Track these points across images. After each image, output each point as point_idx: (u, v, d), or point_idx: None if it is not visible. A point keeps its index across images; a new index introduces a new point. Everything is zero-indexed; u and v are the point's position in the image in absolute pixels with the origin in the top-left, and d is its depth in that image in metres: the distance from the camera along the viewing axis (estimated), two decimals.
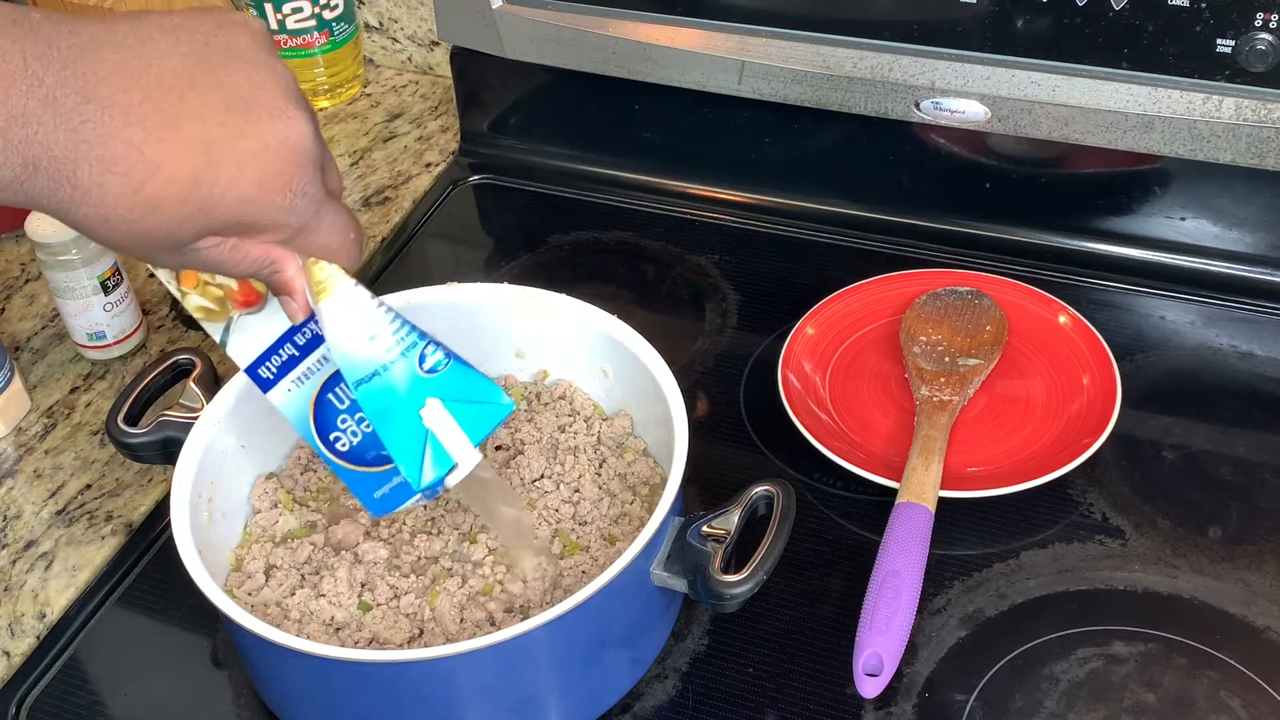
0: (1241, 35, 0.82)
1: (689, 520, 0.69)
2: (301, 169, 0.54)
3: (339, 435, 0.66)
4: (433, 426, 0.62)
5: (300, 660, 0.64)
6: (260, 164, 0.52)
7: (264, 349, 0.66)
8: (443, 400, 0.62)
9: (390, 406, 0.62)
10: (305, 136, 0.54)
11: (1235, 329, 0.92)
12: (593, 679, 0.69)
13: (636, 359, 0.77)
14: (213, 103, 0.51)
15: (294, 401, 0.66)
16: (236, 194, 0.52)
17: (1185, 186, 0.94)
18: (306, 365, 0.66)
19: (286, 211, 0.54)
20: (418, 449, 0.62)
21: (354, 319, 0.61)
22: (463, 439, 0.63)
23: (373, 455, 0.66)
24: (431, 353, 0.62)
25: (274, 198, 0.53)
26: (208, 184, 0.51)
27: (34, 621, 0.79)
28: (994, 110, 0.91)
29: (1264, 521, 0.79)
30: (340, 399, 0.66)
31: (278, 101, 0.53)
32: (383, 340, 0.61)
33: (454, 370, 0.63)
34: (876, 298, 0.93)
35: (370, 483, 0.66)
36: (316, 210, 0.55)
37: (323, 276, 0.59)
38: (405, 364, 0.62)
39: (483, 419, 0.64)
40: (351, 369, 0.61)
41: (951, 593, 0.76)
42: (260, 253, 0.56)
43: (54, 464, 0.88)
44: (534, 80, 1.09)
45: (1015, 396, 0.86)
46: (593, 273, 1.02)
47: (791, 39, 0.94)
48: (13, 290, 1.03)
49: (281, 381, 0.66)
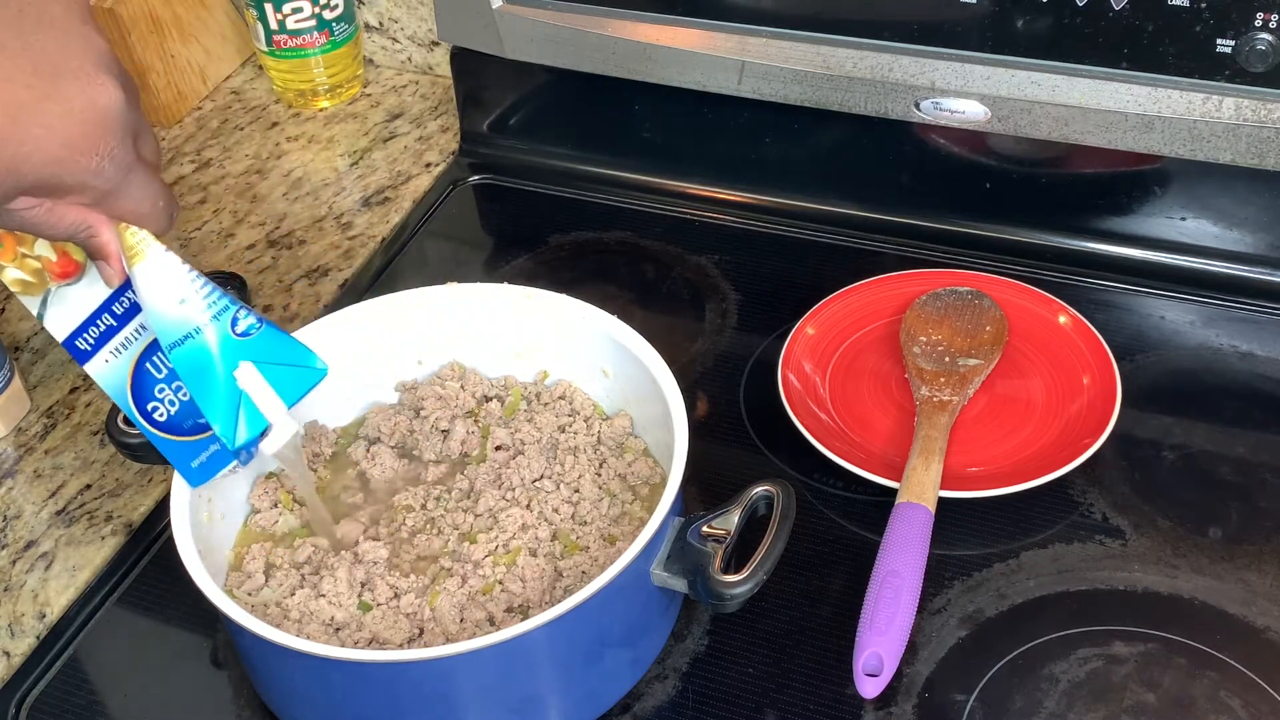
0: (1241, 35, 0.82)
1: (689, 520, 0.69)
2: (109, 133, 0.56)
3: (157, 405, 0.67)
4: (246, 388, 0.64)
5: (300, 660, 0.64)
6: (67, 126, 0.54)
7: (82, 320, 0.66)
8: (255, 363, 0.64)
9: (204, 368, 0.63)
10: (114, 103, 0.55)
11: (1235, 329, 0.92)
12: (593, 679, 0.69)
13: (636, 359, 0.77)
14: (21, 66, 0.53)
15: (111, 371, 0.67)
16: (42, 155, 0.54)
17: (1185, 186, 0.94)
18: (124, 335, 0.67)
19: (93, 174, 0.56)
20: (231, 410, 0.64)
21: (166, 282, 0.62)
22: (277, 401, 0.65)
23: (190, 424, 0.67)
24: (244, 317, 0.64)
25: (80, 159, 0.55)
26: (14, 144, 0.53)
27: (34, 621, 0.79)
28: (994, 110, 0.91)
29: (1264, 521, 0.79)
30: (158, 368, 0.67)
31: (86, 68, 0.55)
32: (194, 303, 0.63)
33: (266, 334, 0.64)
34: (876, 298, 0.93)
35: (187, 452, 0.68)
36: (125, 174, 0.57)
37: (134, 241, 0.61)
38: (217, 327, 0.63)
39: (297, 382, 0.65)
40: (165, 332, 0.63)
41: (951, 593, 0.76)
42: (75, 216, 0.58)
43: (54, 464, 0.88)
44: (534, 80, 1.09)
45: (1015, 396, 0.86)
46: (593, 273, 1.02)
47: (791, 39, 0.94)
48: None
49: (100, 352, 0.67)
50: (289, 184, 1.12)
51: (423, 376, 0.84)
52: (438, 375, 0.83)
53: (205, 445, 0.68)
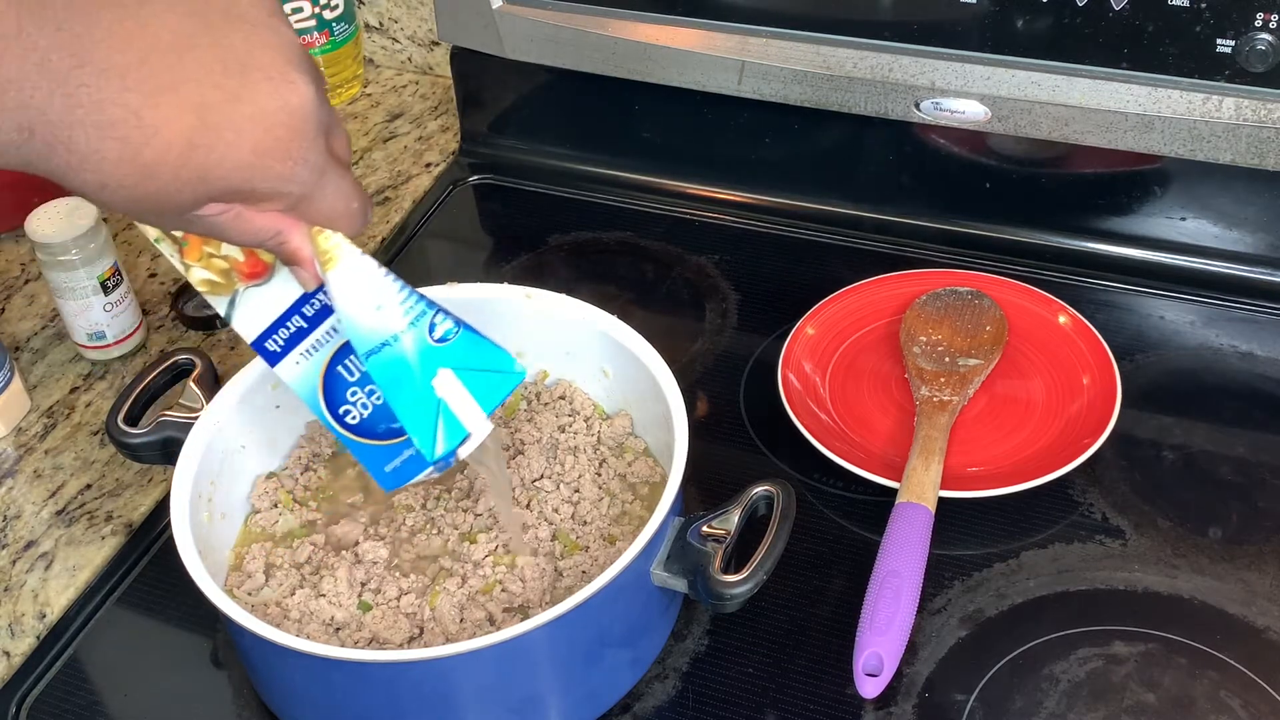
0: (1241, 35, 0.82)
1: (689, 520, 0.69)
2: (301, 136, 0.52)
3: (349, 408, 0.65)
4: (445, 396, 0.61)
5: (300, 660, 0.64)
6: (258, 130, 0.51)
7: (271, 321, 0.64)
8: (454, 370, 0.61)
9: (401, 377, 0.61)
10: (306, 102, 0.52)
11: (1235, 329, 0.92)
12: (593, 679, 0.69)
13: (636, 359, 0.77)
14: (210, 66, 0.50)
15: (303, 375, 0.65)
16: (234, 160, 0.51)
17: (1185, 186, 0.94)
18: (315, 337, 0.65)
19: (286, 180, 0.53)
20: (431, 420, 0.61)
21: (362, 288, 0.60)
22: (475, 408, 0.62)
23: (383, 428, 0.65)
24: (441, 321, 0.61)
25: (273, 165, 0.52)
26: (204, 150, 0.50)
27: (34, 621, 0.79)
28: (994, 110, 0.91)
29: (1264, 521, 0.79)
30: (350, 371, 0.65)
31: (278, 64, 0.51)
32: (391, 310, 0.60)
33: (464, 339, 0.62)
34: (876, 298, 0.93)
35: (381, 456, 0.65)
36: (319, 178, 0.54)
37: (328, 246, 0.58)
38: (415, 333, 0.61)
39: (495, 388, 0.63)
40: (361, 339, 0.60)
41: (951, 593, 0.76)
42: (265, 222, 0.55)
43: (54, 464, 0.88)
44: (534, 80, 1.09)
45: (1015, 396, 0.86)
46: (593, 273, 1.02)
47: (791, 39, 0.94)
48: (13, 290, 1.03)
49: (290, 354, 0.65)
50: None
51: None
52: None
53: (399, 450, 0.65)
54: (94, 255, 0.90)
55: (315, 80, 0.53)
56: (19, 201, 0.99)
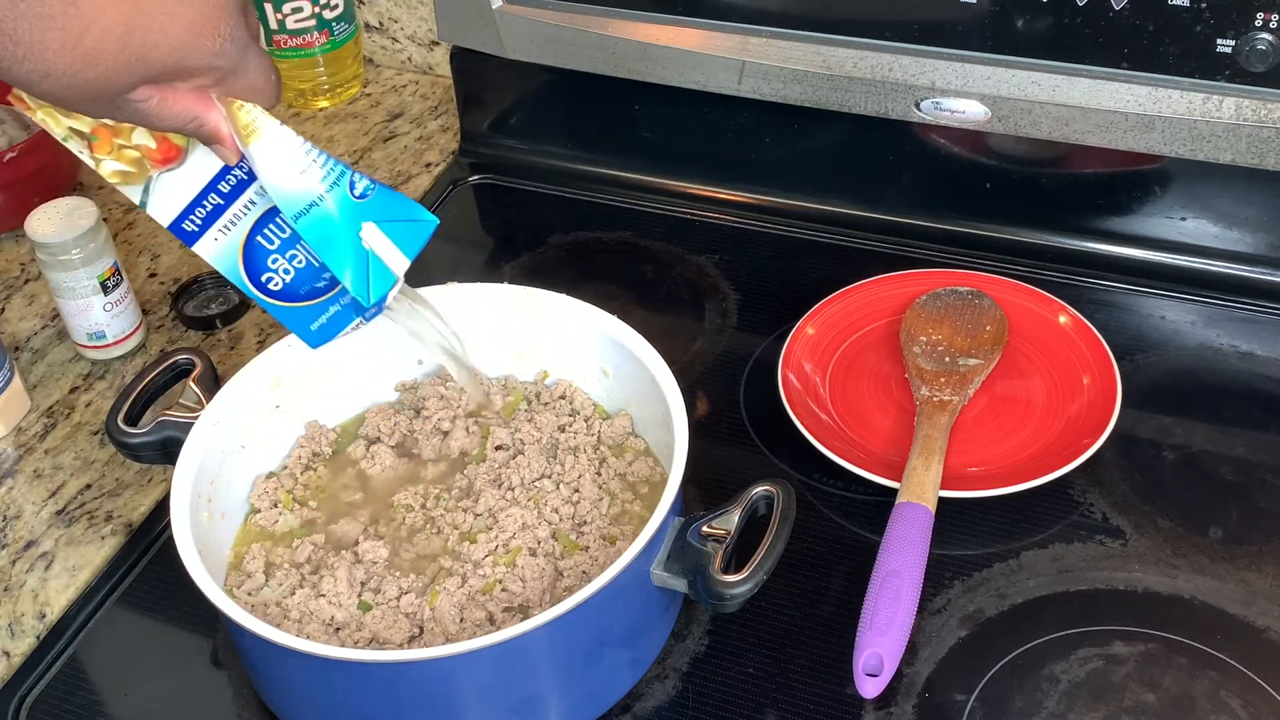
0: (1241, 35, 0.82)
1: (689, 520, 0.69)
2: (227, 14, 0.56)
3: (271, 275, 0.68)
4: (372, 246, 0.65)
5: (300, 660, 0.64)
6: (189, 10, 0.55)
7: (187, 203, 0.66)
8: (376, 222, 0.65)
9: (330, 234, 0.64)
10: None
11: (1235, 329, 0.92)
12: (593, 679, 0.69)
13: (636, 359, 0.77)
14: None
15: (222, 249, 0.67)
16: (169, 41, 0.55)
17: (1185, 186, 0.94)
18: (233, 212, 0.67)
19: (217, 54, 0.57)
20: (362, 269, 0.65)
21: (284, 156, 0.62)
22: (399, 255, 0.66)
23: (306, 289, 0.68)
24: (359, 180, 0.64)
25: (204, 42, 0.56)
26: (140, 32, 0.53)
27: (34, 621, 0.79)
28: (994, 110, 0.91)
29: (1264, 521, 0.79)
30: (270, 240, 0.67)
31: None
32: (313, 173, 0.63)
33: (381, 193, 0.65)
34: (876, 298, 0.93)
35: (305, 316, 0.68)
36: (243, 53, 0.58)
37: (249, 119, 0.61)
38: (338, 193, 0.64)
39: (415, 235, 0.66)
40: (289, 203, 0.63)
41: (951, 593, 0.76)
42: (185, 104, 0.58)
43: (54, 464, 0.88)
44: (534, 80, 1.09)
45: (1015, 396, 0.86)
46: (593, 273, 1.02)
47: (791, 39, 0.94)
48: (13, 290, 1.03)
49: (208, 232, 0.67)
50: None
51: (423, 376, 0.84)
52: (438, 375, 0.84)
53: (325, 308, 0.69)
54: (94, 255, 0.90)
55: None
56: (19, 201, 0.99)
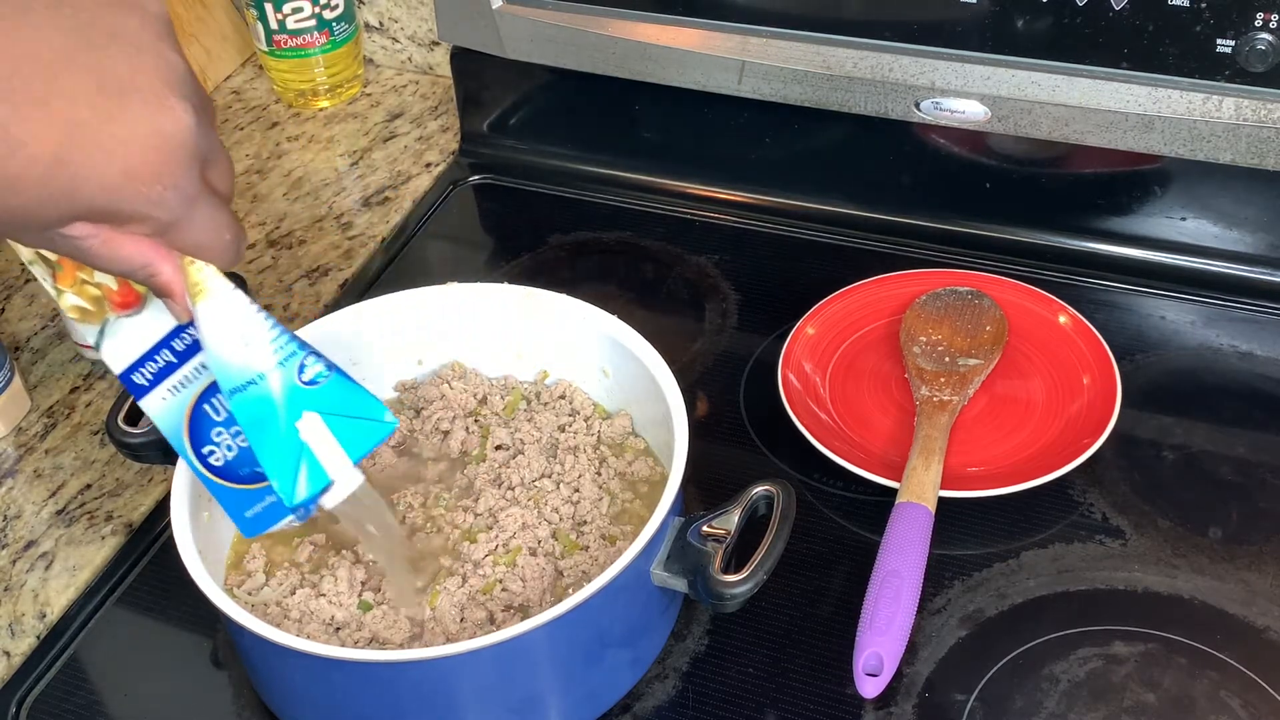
0: (1241, 35, 0.82)
1: (689, 520, 0.69)
2: (174, 162, 0.52)
3: (213, 449, 0.63)
4: (310, 441, 0.59)
5: (300, 660, 0.64)
6: (128, 152, 0.50)
7: (140, 354, 0.63)
8: (321, 414, 0.60)
9: (265, 418, 0.59)
10: (181, 129, 0.52)
11: (1235, 329, 0.92)
12: (593, 679, 0.69)
13: (636, 359, 0.77)
14: (86, 84, 0.50)
15: (168, 410, 0.63)
16: (99, 180, 0.50)
17: (1185, 186, 0.94)
18: (183, 373, 0.63)
19: (154, 204, 0.52)
20: (292, 464, 0.59)
21: (230, 323, 0.58)
22: (341, 456, 0.60)
23: (247, 472, 0.63)
24: (312, 364, 0.60)
25: (141, 188, 0.51)
26: (72, 166, 0.50)
27: (34, 621, 0.79)
28: (994, 110, 0.91)
29: (1264, 521, 0.79)
30: (216, 410, 0.63)
31: (156, 89, 0.51)
32: (259, 347, 0.59)
33: (335, 383, 0.60)
34: (876, 298, 0.93)
35: (243, 500, 0.64)
36: (189, 206, 0.53)
37: (199, 278, 0.57)
38: (283, 373, 0.59)
39: (363, 436, 0.61)
40: (226, 376, 0.59)
41: (951, 593, 0.76)
42: (134, 250, 0.54)
43: (54, 464, 0.88)
44: (534, 80, 1.09)
45: (1015, 396, 0.86)
46: (593, 273, 1.02)
47: (791, 39, 0.94)
48: (13, 290, 1.03)
49: (156, 389, 0.63)
50: (289, 184, 1.12)
51: (423, 376, 0.84)
52: (438, 375, 0.84)
53: (262, 495, 0.63)
54: None
55: (197, 109, 0.53)
56: None
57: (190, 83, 0.53)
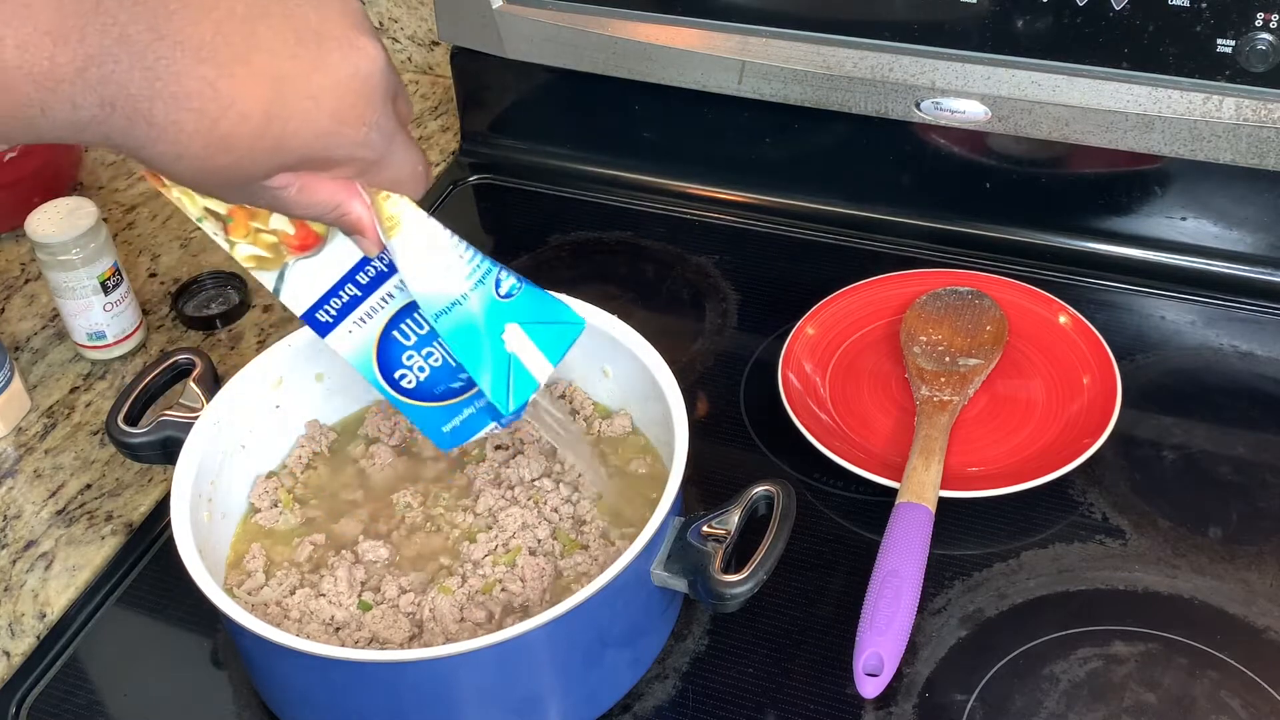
0: (1241, 35, 0.82)
1: (689, 520, 0.69)
2: (374, 101, 0.52)
3: (405, 372, 0.64)
4: (515, 350, 0.62)
5: (300, 660, 0.64)
6: (334, 97, 0.51)
7: (322, 293, 0.63)
8: (521, 324, 0.62)
9: (471, 335, 0.61)
10: (378, 68, 0.52)
11: (1235, 329, 0.92)
12: (593, 679, 0.69)
13: (636, 359, 0.77)
14: (284, 35, 0.50)
15: (356, 343, 0.64)
16: (311, 129, 0.51)
17: (1185, 186, 0.94)
18: (369, 304, 0.64)
19: (361, 145, 0.53)
20: (503, 375, 0.61)
21: (428, 252, 0.59)
22: (543, 360, 0.62)
23: (441, 389, 0.65)
24: (505, 278, 0.61)
25: (349, 131, 0.52)
26: (281, 119, 0.50)
27: (34, 621, 0.79)
28: (994, 110, 0.91)
29: (1264, 521, 0.79)
30: (406, 335, 0.64)
31: (348, 33, 0.52)
32: (458, 270, 0.60)
33: (528, 293, 0.62)
34: (876, 298, 0.93)
35: (438, 417, 0.65)
36: (389, 143, 0.54)
37: (393, 211, 0.57)
38: (482, 291, 0.60)
39: (559, 339, 0.63)
40: (430, 301, 0.60)
41: (952, 593, 0.76)
42: (327, 193, 0.55)
43: (54, 464, 0.88)
44: (534, 80, 1.09)
45: (1015, 396, 0.86)
46: (593, 273, 1.02)
47: (791, 39, 0.94)
48: (13, 290, 1.03)
49: (342, 324, 0.64)
50: None
51: None
52: None
53: (459, 409, 0.65)
54: (94, 255, 0.90)
55: (382, 46, 0.53)
56: (19, 201, 0.99)
57: (368, 19, 0.53)
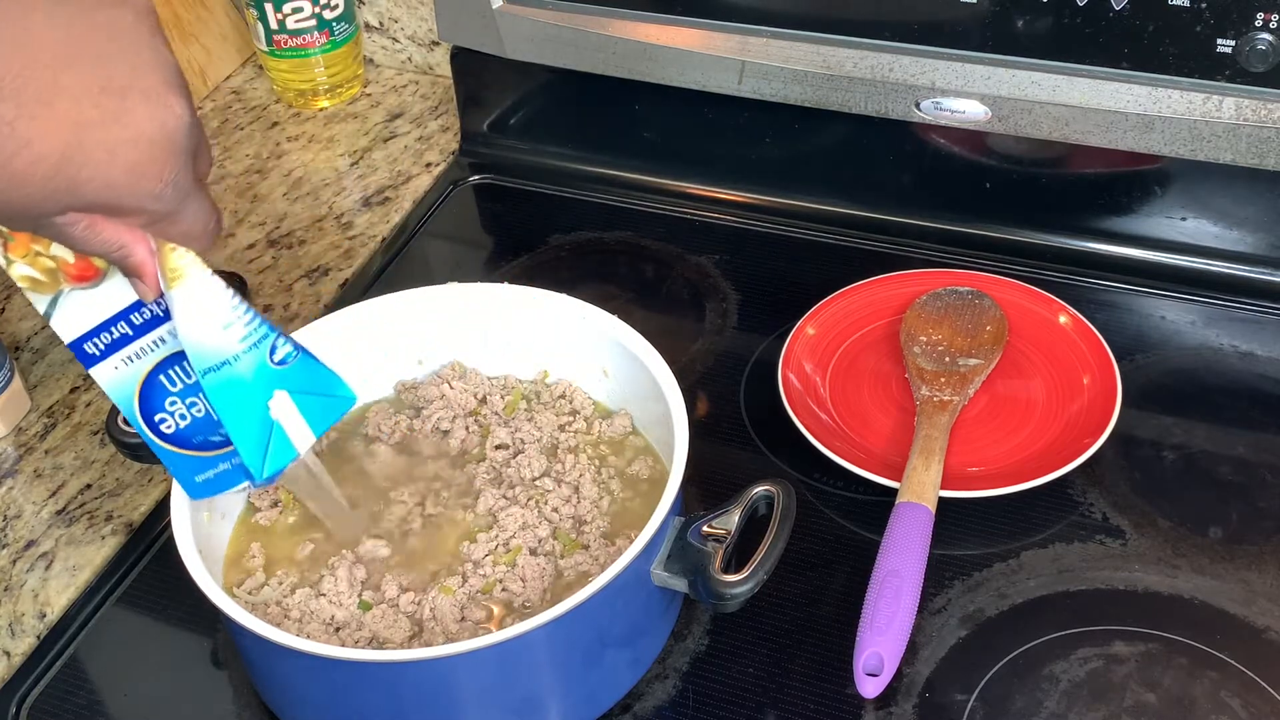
0: (1241, 35, 0.82)
1: (689, 520, 0.69)
2: (173, 158, 0.53)
3: (165, 417, 0.65)
4: (279, 418, 0.63)
5: (300, 660, 0.64)
6: (133, 151, 0.52)
7: (93, 325, 0.64)
8: (290, 392, 0.63)
9: (237, 396, 0.62)
10: (181, 126, 0.53)
11: (1235, 329, 0.92)
12: (593, 679, 0.69)
13: (636, 359, 0.77)
14: (89, 83, 0.51)
15: (120, 379, 0.65)
16: (105, 179, 0.52)
17: (1185, 186, 0.94)
18: (140, 344, 0.64)
19: (154, 199, 0.54)
20: (262, 439, 0.62)
21: (208, 307, 0.60)
22: (306, 430, 0.64)
23: (199, 440, 0.66)
24: (282, 344, 0.62)
25: (143, 184, 0.53)
26: (76, 165, 0.51)
27: (34, 621, 0.79)
28: (994, 110, 0.91)
29: (1264, 521, 0.79)
30: (173, 381, 0.65)
31: (156, 87, 0.52)
32: (235, 330, 0.61)
33: (302, 362, 0.63)
34: (876, 298, 0.93)
35: (193, 466, 0.66)
36: (183, 199, 0.55)
37: (179, 263, 0.59)
38: (255, 355, 0.61)
39: (327, 411, 0.64)
40: (201, 357, 0.61)
41: (952, 593, 0.76)
42: (113, 234, 0.56)
43: (54, 464, 0.88)
44: (534, 80, 1.09)
45: (1015, 396, 0.86)
46: (593, 273, 1.02)
47: (791, 39, 0.94)
48: (13, 290, 1.03)
49: (110, 358, 0.64)
50: (289, 184, 1.12)
51: (423, 376, 0.84)
52: (438, 375, 0.83)
53: (214, 463, 0.66)
54: None
55: (189, 103, 0.54)
56: None
57: (181, 76, 0.54)
